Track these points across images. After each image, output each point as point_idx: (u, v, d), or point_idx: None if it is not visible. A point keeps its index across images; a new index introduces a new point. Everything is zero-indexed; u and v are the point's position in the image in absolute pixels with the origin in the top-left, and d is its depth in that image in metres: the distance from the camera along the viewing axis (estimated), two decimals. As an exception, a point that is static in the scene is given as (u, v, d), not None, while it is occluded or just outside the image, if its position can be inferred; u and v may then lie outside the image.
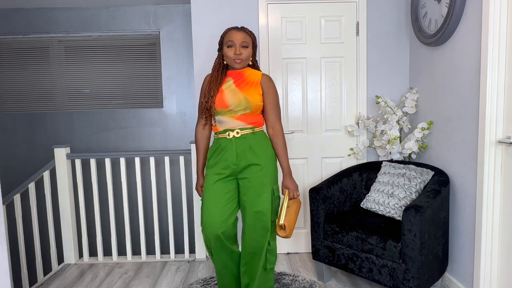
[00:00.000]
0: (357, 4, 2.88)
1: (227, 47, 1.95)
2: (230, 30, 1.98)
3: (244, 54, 1.94)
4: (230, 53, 1.94)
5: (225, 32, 1.99)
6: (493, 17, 1.89)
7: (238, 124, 1.95)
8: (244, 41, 1.94)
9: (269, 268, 2.02)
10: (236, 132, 1.95)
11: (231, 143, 1.94)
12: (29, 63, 4.02)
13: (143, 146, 4.10)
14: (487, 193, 1.99)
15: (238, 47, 1.93)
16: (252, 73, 2.01)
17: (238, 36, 1.93)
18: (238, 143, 1.94)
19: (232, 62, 1.96)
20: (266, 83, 1.99)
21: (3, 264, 1.30)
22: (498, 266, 2.01)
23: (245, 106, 1.93)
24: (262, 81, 1.99)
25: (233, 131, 1.95)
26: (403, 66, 2.94)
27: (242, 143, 1.94)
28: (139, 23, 3.95)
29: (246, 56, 1.96)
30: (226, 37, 1.97)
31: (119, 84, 4.05)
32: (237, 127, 1.95)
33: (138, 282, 2.64)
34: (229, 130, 1.95)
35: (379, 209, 2.38)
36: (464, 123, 2.19)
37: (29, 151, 4.07)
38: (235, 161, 1.94)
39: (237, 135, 1.94)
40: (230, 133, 1.95)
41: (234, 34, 1.94)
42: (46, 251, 3.72)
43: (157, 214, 3.03)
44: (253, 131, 1.97)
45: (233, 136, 1.94)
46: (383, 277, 2.10)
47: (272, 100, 2.00)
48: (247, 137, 1.95)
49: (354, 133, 2.89)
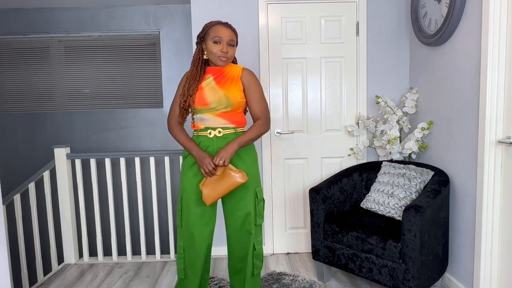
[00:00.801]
0: (357, 4, 2.88)
1: (213, 42, 1.85)
2: (216, 24, 1.88)
3: (230, 52, 1.87)
4: (216, 49, 1.85)
5: (210, 26, 1.88)
6: (493, 17, 1.89)
7: (221, 122, 1.88)
8: (232, 39, 1.88)
9: (256, 273, 1.98)
10: (218, 131, 1.87)
11: (212, 142, 1.88)
12: (29, 63, 4.02)
13: (143, 146, 4.10)
14: (487, 193, 1.99)
15: (226, 45, 1.85)
16: (232, 68, 1.92)
17: (227, 33, 1.85)
18: (220, 143, 1.87)
19: (217, 59, 1.87)
20: (247, 78, 1.90)
21: (3, 264, 1.30)
22: (498, 266, 2.01)
23: (226, 104, 1.85)
24: (243, 76, 1.90)
25: (215, 129, 1.87)
26: (403, 66, 2.94)
27: (224, 143, 1.87)
28: (139, 23, 3.95)
29: (231, 55, 1.90)
30: (212, 31, 1.86)
31: (119, 84, 4.05)
32: (219, 126, 1.88)
33: (138, 282, 2.64)
34: (210, 129, 1.88)
35: (379, 209, 2.38)
36: (464, 123, 2.19)
37: (29, 151, 4.07)
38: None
39: (219, 135, 1.88)
40: (212, 131, 1.88)
41: (222, 30, 1.85)
42: (46, 251, 3.72)
43: (157, 214, 3.03)
44: (236, 132, 1.90)
45: (214, 135, 1.87)
46: (383, 277, 2.10)
47: (255, 93, 1.90)
48: (228, 137, 1.88)
49: (354, 133, 2.89)
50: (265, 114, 1.92)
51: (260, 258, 1.99)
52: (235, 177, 1.80)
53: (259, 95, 1.92)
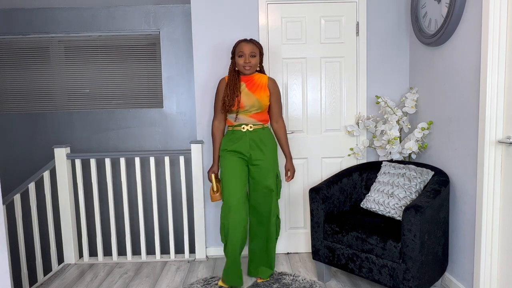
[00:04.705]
0: (357, 4, 2.88)
1: (238, 56, 2.37)
2: (241, 42, 2.39)
3: (252, 62, 2.36)
4: (241, 61, 2.36)
5: (237, 44, 2.40)
6: (493, 17, 1.89)
7: (252, 121, 2.40)
8: (253, 51, 2.36)
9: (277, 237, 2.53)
10: (250, 126, 2.40)
11: (245, 134, 2.39)
12: (29, 63, 4.02)
13: (143, 146, 4.09)
14: (487, 193, 1.99)
15: (247, 57, 2.35)
16: (260, 77, 2.45)
17: (247, 48, 2.35)
18: (251, 135, 2.39)
19: (242, 69, 2.38)
20: (272, 85, 2.45)
21: (3, 264, 1.30)
22: (498, 266, 2.01)
23: (257, 107, 2.38)
24: (269, 84, 2.44)
25: (247, 125, 2.39)
26: (403, 66, 2.95)
27: (254, 135, 2.39)
28: (139, 23, 3.95)
29: (254, 63, 2.38)
30: (237, 48, 2.39)
31: (119, 84, 4.05)
32: (250, 123, 2.40)
33: (138, 282, 2.64)
34: (243, 124, 2.40)
35: (379, 209, 2.38)
36: (464, 123, 2.20)
37: (29, 151, 4.07)
38: (248, 149, 2.38)
39: (250, 129, 2.40)
40: (245, 126, 2.39)
41: (244, 46, 2.36)
42: (46, 251, 3.72)
43: (157, 214, 3.03)
44: (263, 127, 2.44)
45: (247, 130, 2.39)
46: (383, 277, 2.10)
47: (277, 99, 2.48)
48: (257, 131, 2.41)
49: (354, 133, 2.89)
50: (281, 116, 2.53)
51: (279, 227, 2.54)
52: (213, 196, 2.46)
53: (279, 100, 2.51)
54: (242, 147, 2.38)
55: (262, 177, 2.42)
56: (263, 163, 2.41)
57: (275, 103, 2.47)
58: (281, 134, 2.51)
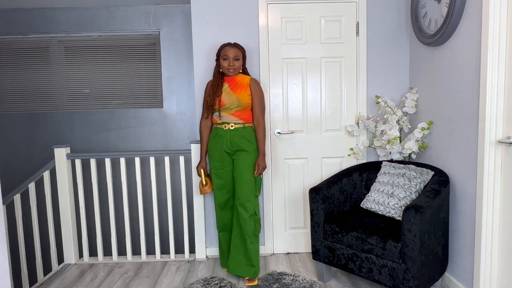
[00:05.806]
0: (357, 4, 2.88)
1: (223, 59, 2.51)
2: (225, 46, 2.52)
3: (236, 65, 2.51)
4: (225, 64, 2.50)
5: (221, 48, 2.54)
6: (493, 17, 1.89)
7: (233, 119, 2.52)
8: (236, 55, 2.51)
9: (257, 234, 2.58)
10: (231, 125, 2.52)
11: (226, 133, 2.52)
12: (29, 63, 4.02)
13: (143, 146, 4.10)
14: (487, 193, 1.99)
15: (232, 60, 2.49)
16: (242, 78, 2.57)
17: (232, 52, 2.50)
18: (231, 133, 2.52)
19: (226, 71, 2.52)
20: (253, 85, 2.56)
21: (3, 264, 1.30)
22: (498, 266, 2.01)
23: (237, 104, 2.49)
24: (251, 84, 2.56)
25: (229, 124, 2.52)
26: (403, 66, 2.95)
27: (234, 134, 2.52)
28: (139, 23, 3.95)
29: (237, 66, 2.53)
30: (222, 51, 2.52)
31: (119, 84, 4.05)
32: (232, 121, 2.52)
33: (138, 282, 2.64)
34: (226, 123, 2.53)
35: (379, 209, 2.38)
36: (464, 123, 2.19)
37: (29, 151, 4.07)
38: (229, 146, 2.53)
39: (232, 128, 2.52)
40: (226, 125, 2.52)
41: (228, 49, 2.50)
42: (46, 251, 3.72)
43: (157, 214, 3.03)
44: (244, 126, 2.55)
45: (228, 128, 2.52)
46: (383, 277, 2.10)
47: (258, 98, 2.58)
48: (238, 130, 2.53)
49: (354, 133, 2.89)
50: (261, 115, 2.59)
51: (259, 223, 2.61)
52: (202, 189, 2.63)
53: (261, 100, 2.60)
54: (224, 145, 2.54)
55: (241, 170, 2.54)
56: (242, 159, 2.53)
57: (256, 101, 2.56)
58: (258, 130, 2.58)
